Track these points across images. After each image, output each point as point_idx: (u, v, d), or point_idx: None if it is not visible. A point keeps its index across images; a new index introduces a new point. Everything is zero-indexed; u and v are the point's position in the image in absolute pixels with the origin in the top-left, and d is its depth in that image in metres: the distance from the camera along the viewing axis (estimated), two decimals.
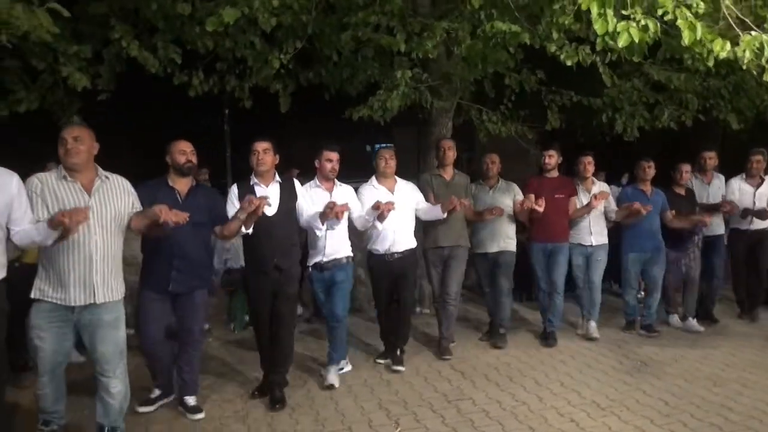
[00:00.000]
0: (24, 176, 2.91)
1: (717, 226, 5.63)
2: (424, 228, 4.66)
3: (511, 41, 4.03)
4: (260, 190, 3.73)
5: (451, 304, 4.77)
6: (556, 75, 6.64)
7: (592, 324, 5.25)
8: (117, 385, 3.02)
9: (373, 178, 4.50)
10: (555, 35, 4.13)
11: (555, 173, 5.16)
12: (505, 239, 4.93)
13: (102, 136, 3.36)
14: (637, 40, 3.01)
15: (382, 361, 4.58)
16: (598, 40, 3.20)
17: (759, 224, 5.58)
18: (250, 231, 3.63)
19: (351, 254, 4.22)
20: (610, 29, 3.06)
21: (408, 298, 4.59)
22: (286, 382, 3.96)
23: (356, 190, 4.47)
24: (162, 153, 3.65)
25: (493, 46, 4.17)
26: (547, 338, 5.07)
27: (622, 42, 3.02)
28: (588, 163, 5.23)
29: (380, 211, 3.95)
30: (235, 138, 7.12)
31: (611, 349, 4.92)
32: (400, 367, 4.43)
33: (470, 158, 12.21)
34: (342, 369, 4.35)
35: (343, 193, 4.18)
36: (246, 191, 3.69)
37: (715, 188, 5.68)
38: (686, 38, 2.94)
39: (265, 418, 3.63)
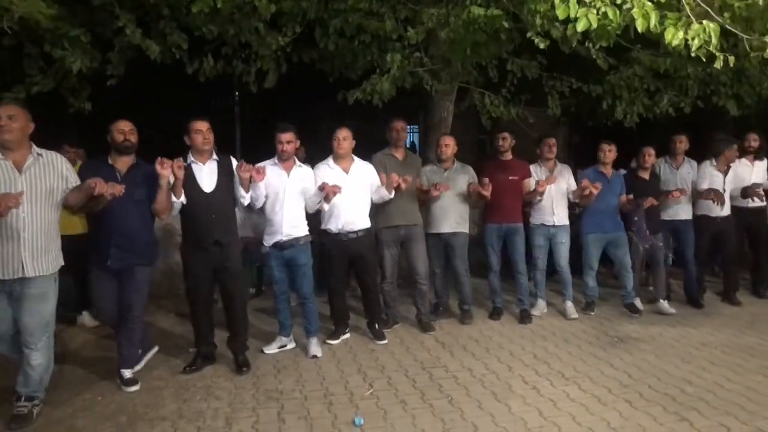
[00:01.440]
0: None
1: (682, 211, 5.65)
2: (375, 208, 4.71)
3: (489, 25, 4.18)
4: (197, 168, 3.85)
5: (422, 283, 4.89)
6: (559, 61, 6.74)
7: (569, 304, 5.39)
8: (37, 358, 3.17)
9: (330, 157, 4.55)
10: (538, 21, 4.26)
11: (509, 156, 5.26)
12: (457, 220, 5.01)
13: (115, 119, 3.70)
14: (594, 26, 3.17)
15: (332, 342, 4.57)
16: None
17: (726, 210, 5.67)
18: (183, 199, 3.71)
19: (308, 233, 4.33)
20: (572, 15, 3.22)
21: (369, 278, 4.67)
22: (247, 347, 4.17)
23: None
24: (179, 133, 3.88)
25: (473, 31, 4.32)
26: (522, 318, 5.20)
27: (580, 27, 3.18)
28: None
29: (325, 193, 4.11)
30: (245, 119, 7.42)
31: (594, 327, 5.10)
32: (382, 341, 4.62)
33: (480, 140, 12.32)
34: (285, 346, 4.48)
35: (300, 173, 4.28)
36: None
37: (684, 173, 5.68)
38: (639, 26, 3.08)
39: (251, 378, 3.95)
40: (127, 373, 3.78)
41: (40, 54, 4.51)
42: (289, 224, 4.19)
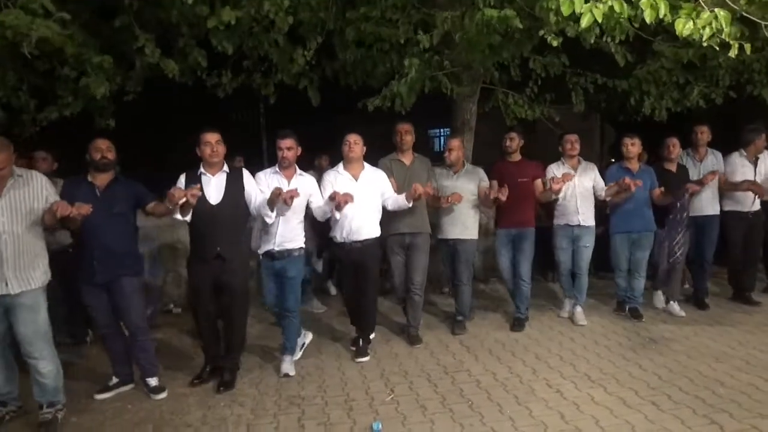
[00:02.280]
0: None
1: (708, 206, 5.39)
2: (384, 214, 4.52)
3: (501, 25, 4.14)
4: (206, 180, 3.84)
5: (417, 293, 4.70)
6: (584, 57, 6.62)
7: (578, 309, 5.18)
8: (45, 366, 3.31)
9: (340, 164, 4.43)
10: (552, 18, 4.20)
11: (517, 156, 5.04)
12: (464, 226, 4.82)
13: (141, 134, 3.84)
14: (600, 20, 3.10)
15: (362, 360, 4.39)
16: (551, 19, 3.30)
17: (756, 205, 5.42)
18: (188, 218, 3.71)
19: (303, 246, 4.19)
20: (576, 11, 3.17)
21: (369, 288, 4.46)
22: (237, 367, 4.10)
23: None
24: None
25: (487, 33, 4.29)
26: (513, 325, 5.03)
27: (584, 23, 3.12)
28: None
29: (336, 203, 3.96)
30: (270, 129, 7.55)
31: (625, 327, 4.98)
32: (362, 359, 4.37)
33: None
34: (304, 345, 4.48)
35: (302, 181, 4.14)
36: (193, 180, 3.80)
37: (708, 166, 5.41)
38: (648, 17, 3.00)
39: (275, 384, 4.00)
40: (153, 381, 3.87)
41: (71, 77, 4.71)
42: (284, 235, 4.06)
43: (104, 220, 3.56)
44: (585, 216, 5.06)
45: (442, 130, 17.53)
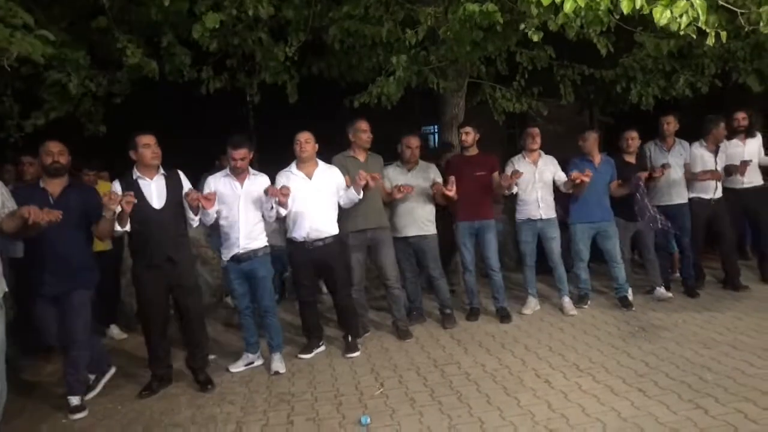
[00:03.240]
0: None
1: (676, 195, 5.43)
2: (342, 212, 4.49)
3: (483, 20, 4.15)
4: (144, 183, 3.72)
5: (395, 287, 4.72)
6: (571, 49, 6.63)
7: (566, 300, 5.19)
8: None
9: (293, 163, 4.37)
10: (534, 11, 4.21)
11: (475, 150, 5.06)
12: (424, 223, 4.83)
13: (128, 137, 3.82)
14: (582, 5, 3.12)
15: (304, 356, 4.37)
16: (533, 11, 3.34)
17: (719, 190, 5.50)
18: (128, 228, 3.59)
19: (267, 244, 4.18)
20: (558, 0, 3.19)
21: (340, 287, 4.44)
22: (208, 364, 4.08)
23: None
24: (191, 147, 3.90)
25: (469, 28, 4.30)
26: (502, 318, 5.01)
27: (567, 7, 3.14)
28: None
29: (274, 198, 3.92)
30: (260, 130, 7.55)
31: (615, 316, 5.00)
32: (353, 354, 4.37)
33: (510, 135, 12.23)
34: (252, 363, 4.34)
35: (256, 182, 4.09)
36: (128, 185, 3.65)
37: (676, 155, 5.45)
38: (624, 8, 3.02)
39: (265, 381, 4.02)
40: (74, 400, 3.61)
41: (55, 80, 4.70)
42: (246, 236, 4.03)
43: (58, 230, 3.30)
44: (546, 209, 5.08)
45: (435, 126, 17.55)
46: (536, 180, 5.06)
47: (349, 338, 4.49)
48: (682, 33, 3.00)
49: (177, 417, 3.52)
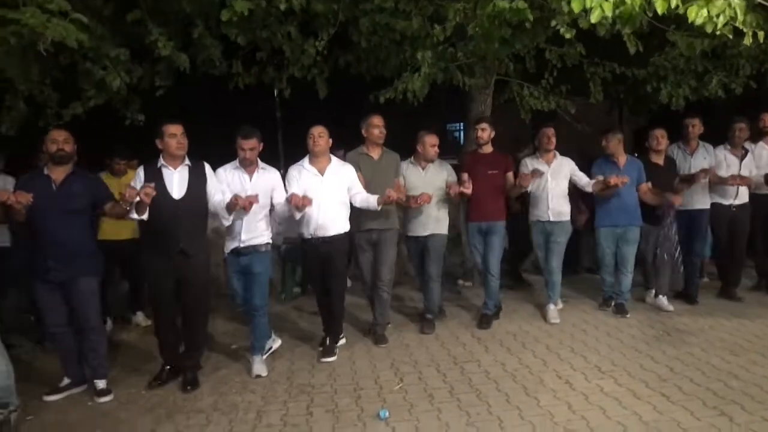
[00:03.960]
0: None
1: (698, 200, 5.26)
2: (352, 210, 4.37)
3: (514, 18, 4.10)
4: (168, 173, 3.70)
5: (384, 290, 4.56)
6: (602, 47, 6.53)
7: (551, 307, 5.04)
8: None
9: (306, 158, 4.27)
10: (565, 8, 4.16)
11: (489, 148, 4.89)
12: (435, 222, 4.71)
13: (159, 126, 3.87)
14: (609, 15, 3.07)
15: (328, 360, 4.23)
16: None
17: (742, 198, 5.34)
18: (146, 217, 3.55)
19: (270, 241, 4.10)
20: (587, 6, 3.14)
21: (337, 287, 4.34)
22: (199, 366, 3.99)
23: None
24: (221, 138, 3.97)
25: (498, 25, 4.26)
26: (480, 322, 4.90)
27: (594, 18, 3.09)
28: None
29: (294, 205, 3.90)
30: (287, 122, 7.61)
31: (640, 320, 4.93)
32: (329, 358, 4.21)
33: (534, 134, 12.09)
34: (271, 349, 4.33)
35: (265, 177, 4.04)
36: (152, 173, 3.65)
37: (699, 159, 5.28)
38: (659, 8, 2.96)
39: (286, 372, 4.06)
40: (101, 384, 3.70)
41: (92, 71, 4.80)
42: (248, 231, 3.95)
43: (60, 216, 3.39)
44: (556, 212, 4.94)
45: (461, 124, 17.49)
46: (549, 180, 4.93)
47: (328, 341, 4.36)
48: (718, 33, 2.93)
49: (200, 403, 3.58)
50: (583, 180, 4.97)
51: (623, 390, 3.52)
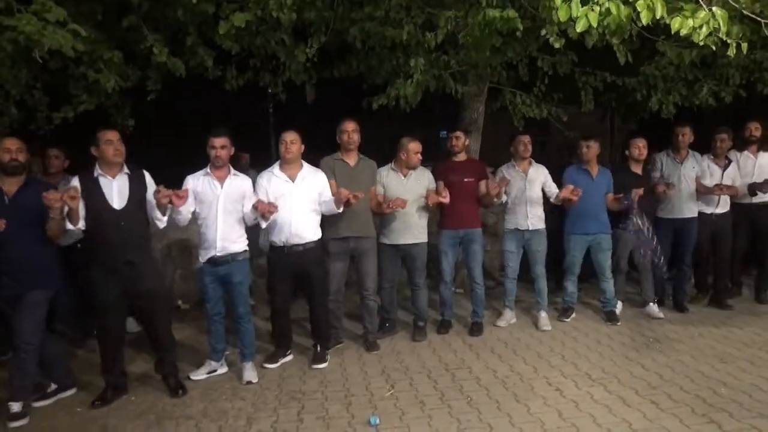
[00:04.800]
0: None
1: (686, 208, 5.28)
2: (324, 218, 4.30)
3: (504, 27, 4.13)
4: (105, 182, 3.53)
5: (371, 299, 4.57)
6: (593, 56, 6.59)
7: (542, 315, 5.03)
8: None
9: (276, 164, 4.20)
10: (555, 17, 4.20)
11: (463, 156, 4.90)
12: (418, 230, 4.65)
13: (156, 130, 3.87)
14: (594, 25, 3.10)
15: (270, 366, 4.18)
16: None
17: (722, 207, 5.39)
18: (81, 225, 3.43)
19: (247, 248, 4.04)
20: (573, 15, 3.17)
21: (317, 295, 4.26)
22: (177, 369, 3.92)
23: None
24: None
25: (489, 33, 4.29)
26: (471, 330, 4.88)
27: (579, 27, 3.12)
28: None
29: (260, 212, 3.83)
30: (279, 126, 7.62)
31: (630, 327, 4.94)
32: (320, 365, 4.19)
33: (544, 143, 12.17)
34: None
35: (236, 185, 3.95)
36: (88, 182, 3.49)
37: (688, 168, 5.30)
38: (644, 18, 2.99)
39: (277, 379, 4.04)
40: (15, 407, 3.38)
41: (84, 74, 4.79)
42: (224, 239, 3.86)
43: (13, 230, 3.21)
44: (534, 220, 4.93)
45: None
46: (526, 189, 4.91)
47: (318, 348, 4.32)
48: (701, 44, 2.96)
49: (189, 410, 3.56)
50: (553, 190, 4.97)
51: (613, 397, 3.54)
